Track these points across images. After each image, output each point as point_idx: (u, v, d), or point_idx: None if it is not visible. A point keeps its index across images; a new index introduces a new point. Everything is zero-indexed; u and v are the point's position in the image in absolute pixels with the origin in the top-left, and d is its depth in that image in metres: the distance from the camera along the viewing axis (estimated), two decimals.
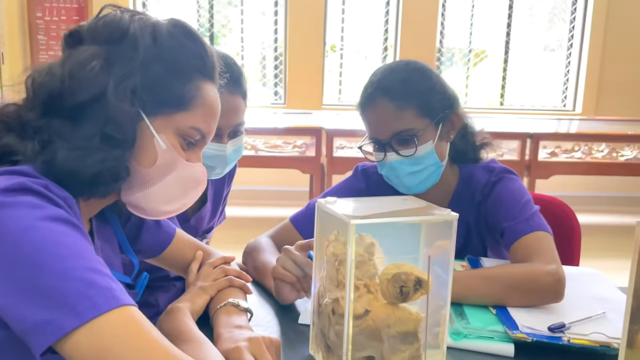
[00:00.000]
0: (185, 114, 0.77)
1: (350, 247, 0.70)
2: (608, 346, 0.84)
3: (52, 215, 0.64)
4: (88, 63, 0.72)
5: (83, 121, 0.72)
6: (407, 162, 1.14)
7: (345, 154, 4.03)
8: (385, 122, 1.14)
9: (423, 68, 1.18)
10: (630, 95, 4.76)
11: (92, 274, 0.61)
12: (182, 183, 0.80)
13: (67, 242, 0.62)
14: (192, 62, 0.78)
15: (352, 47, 5.01)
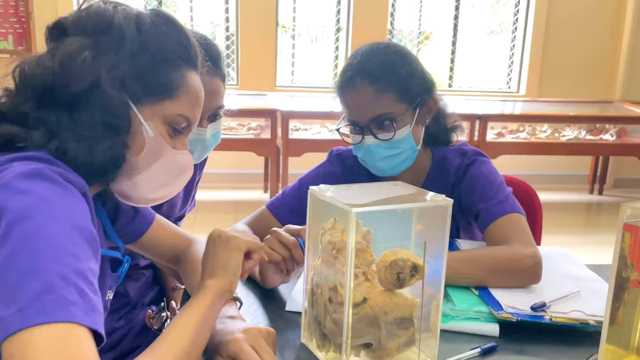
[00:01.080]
0: (171, 102, 0.78)
1: (351, 236, 0.69)
2: (587, 323, 0.88)
3: (53, 210, 0.63)
4: (79, 54, 0.73)
5: (81, 111, 0.73)
6: (384, 146, 1.15)
7: (300, 136, 4.02)
8: (364, 106, 1.13)
9: (403, 51, 1.18)
10: (571, 77, 4.96)
11: (59, 280, 0.58)
12: (169, 170, 0.82)
13: (53, 242, 0.60)
14: (176, 51, 0.79)
15: (304, 28, 4.97)
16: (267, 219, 1.26)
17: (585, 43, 4.92)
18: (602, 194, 4.85)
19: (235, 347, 0.72)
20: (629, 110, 4.46)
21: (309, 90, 4.78)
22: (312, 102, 4.40)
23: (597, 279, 1.06)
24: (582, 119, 4.38)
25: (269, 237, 0.99)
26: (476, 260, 0.99)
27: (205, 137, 1.14)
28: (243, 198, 4.37)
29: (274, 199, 1.30)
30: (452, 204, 0.76)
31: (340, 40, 4.84)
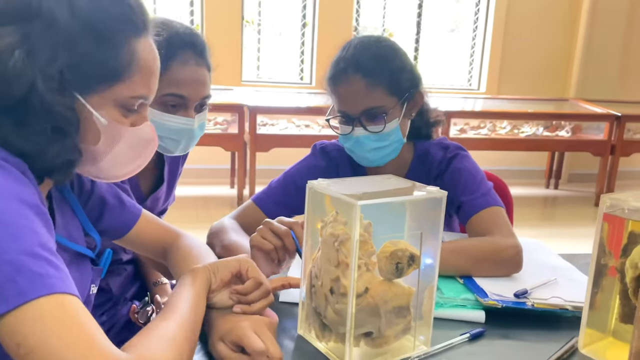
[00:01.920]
0: (122, 85, 0.72)
1: (355, 228, 0.72)
2: (566, 309, 0.93)
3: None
4: (9, 56, 0.65)
5: (25, 118, 0.68)
6: (373, 138, 1.18)
7: (267, 131, 4.03)
8: (356, 98, 1.16)
9: (394, 46, 1.22)
10: (528, 76, 5.13)
11: (26, 258, 0.58)
12: (132, 148, 0.79)
13: (5, 221, 0.59)
14: (119, 25, 0.72)
15: (270, 23, 4.96)
16: (253, 213, 1.28)
17: (542, 43, 5.10)
18: (557, 189, 5.05)
19: (240, 332, 0.74)
20: (583, 107, 4.66)
21: (275, 85, 4.78)
22: (279, 97, 4.41)
23: (571, 268, 1.12)
24: (540, 116, 4.55)
25: (261, 227, 1.01)
26: (461, 251, 1.04)
27: (193, 128, 1.15)
28: (210, 194, 4.34)
29: (259, 193, 1.31)
30: (446, 195, 0.79)
31: (306, 35, 4.86)
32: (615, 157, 4.36)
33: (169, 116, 1.12)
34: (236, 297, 0.83)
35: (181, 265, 0.99)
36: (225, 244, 1.14)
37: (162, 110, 1.12)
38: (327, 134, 4.11)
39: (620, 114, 4.30)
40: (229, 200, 4.22)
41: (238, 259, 0.86)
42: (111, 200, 0.96)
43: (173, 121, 1.12)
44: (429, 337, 0.83)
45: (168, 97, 1.11)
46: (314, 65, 4.81)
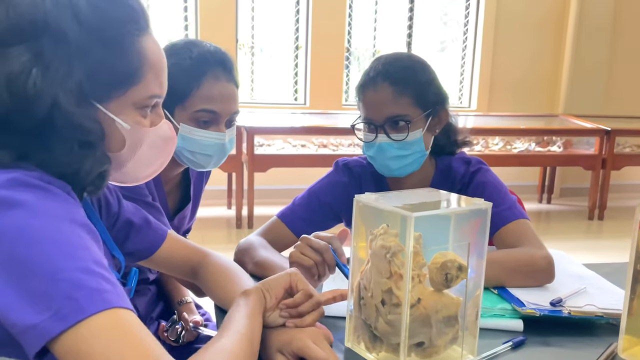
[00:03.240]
0: (137, 87, 0.74)
1: (409, 240, 0.74)
2: (601, 316, 0.96)
3: (47, 212, 0.62)
4: (27, 75, 0.65)
5: (50, 136, 0.68)
6: (396, 146, 1.21)
7: (265, 152, 4.05)
8: (382, 105, 1.20)
9: (424, 62, 1.27)
10: (518, 93, 5.23)
11: (82, 275, 0.59)
12: (154, 148, 0.81)
13: (60, 241, 0.61)
14: (124, 28, 0.72)
15: (263, 46, 5.02)
16: (279, 229, 1.29)
17: (530, 61, 5.22)
18: (550, 203, 5.12)
19: (300, 343, 0.74)
20: (572, 123, 4.75)
21: (270, 106, 4.82)
22: (273, 118, 4.44)
23: (596, 276, 1.15)
24: (532, 132, 4.64)
25: (300, 243, 1.02)
26: (496, 263, 1.06)
27: (224, 142, 1.18)
28: (206, 215, 4.33)
29: (284, 209, 1.33)
30: (491, 207, 0.82)
31: (299, 57, 4.92)
32: (607, 171, 4.44)
33: (201, 132, 1.15)
34: (287, 312, 0.83)
35: (215, 283, 1.00)
36: (257, 261, 1.15)
37: (194, 126, 1.15)
38: (323, 153, 4.14)
39: (610, 128, 4.39)
40: (226, 221, 4.22)
41: (288, 273, 0.86)
42: (138, 222, 0.97)
43: (206, 136, 1.15)
44: (475, 346, 0.85)
45: (201, 113, 1.15)
46: (308, 85, 4.86)
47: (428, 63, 1.27)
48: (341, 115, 4.64)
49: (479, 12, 5.14)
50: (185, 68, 1.14)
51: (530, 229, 1.16)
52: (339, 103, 4.89)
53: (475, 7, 5.16)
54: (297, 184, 4.36)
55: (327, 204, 1.33)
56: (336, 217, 1.37)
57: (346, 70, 5.01)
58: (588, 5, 5.00)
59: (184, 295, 1.36)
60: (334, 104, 4.83)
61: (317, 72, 4.81)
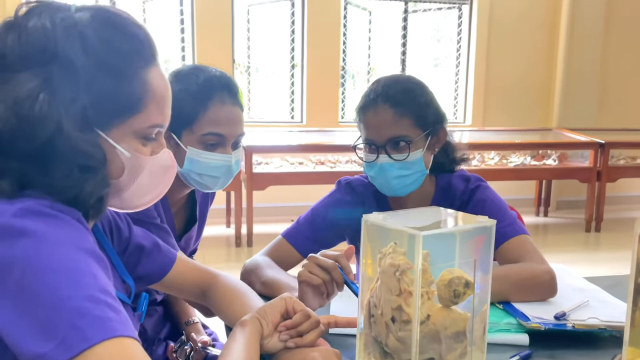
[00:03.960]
0: (139, 116, 0.75)
1: (418, 258, 0.76)
2: (605, 329, 0.98)
3: (55, 240, 0.63)
4: (34, 99, 0.67)
5: (51, 159, 0.69)
6: (397, 166, 1.23)
7: (263, 170, 4.07)
8: (383, 126, 1.22)
9: (422, 83, 1.30)
10: (512, 107, 5.29)
11: (88, 303, 0.60)
12: (153, 176, 0.81)
13: (66, 269, 0.62)
14: (130, 58, 0.74)
15: (260, 65, 5.07)
16: (284, 248, 1.31)
17: (523, 76, 5.28)
18: (547, 216, 5.15)
19: None
20: (567, 136, 4.81)
21: (267, 125, 4.86)
22: (270, 137, 4.47)
23: (598, 290, 1.17)
24: (527, 146, 4.69)
25: (308, 262, 1.04)
26: (500, 278, 1.08)
27: (231, 164, 1.21)
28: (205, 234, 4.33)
29: (289, 229, 1.35)
30: (495, 224, 0.84)
31: (295, 76, 4.97)
32: (602, 183, 4.48)
33: (208, 154, 1.19)
34: (287, 333, 0.85)
35: (225, 304, 1.02)
36: (264, 281, 1.17)
37: (202, 149, 1.18)
38: (321, 171, 4.17)
39: (604, 141, 4.44)
40: (225, 239, 4.22)
41: (282, 297, 0.88)
42: (148, 246, 0.98)
43: (213, 159, 1.19)
44: None
45: (208, 137, 1.18)
46: (304, 104, 4.91)
47: (425, 84, 1.30)
48: (338, 133, 4.68)
49: (472, 29, 5.21)
50: (192, 93, 1.18)
51: (531, 244, 1.19)
52: (335, 120, 4.93)
53: (468, 24, 5.24)
54: (296, 201, 4.38)
55: (331, 223, 1.35)
56: (340, 236, 1.39)
57: (342, 88, 5.07)
58: (579, 20, 5.09)
59: (191, 316, 1.37)
60: (331, 121, 4.88)
61: (313, 90, 4.85)
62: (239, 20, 4.76)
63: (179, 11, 4.57)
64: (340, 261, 1.02)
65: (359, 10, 5.14)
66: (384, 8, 5.25)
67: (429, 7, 5.30)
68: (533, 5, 5.19)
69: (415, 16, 5.29)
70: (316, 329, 0.87)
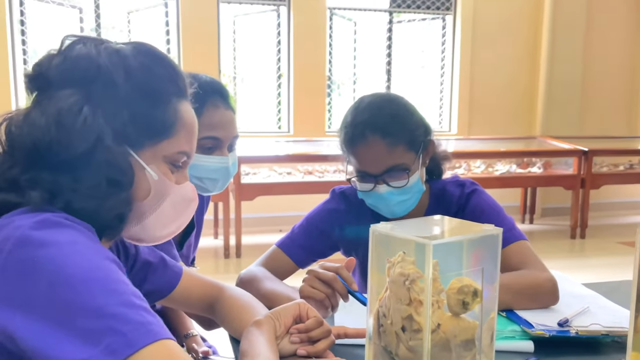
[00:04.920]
0: (169, 141, 0.78)
1: (429, 267, 0.76)
2: (607, 334, 0.99)
3: (81, 250, 0.64)
4: (77, 110, 0.71)
5: (84, 171, 0.71)
6: (397, 193, 1.21)
7: (251, 180, 4.06)
8: (377, 158, 1.19)
9: (406, 103, 1.26)
10: (497, 115, 5.36)
11: (126, 309, 0.61)
12: (175, 206, 0.82)
13: (98, 277, 0.62)
14: (166, 86, 0.78)
15: (245, 75, 5.07)
16: (279, 258, 1.30)
17: (507, 86, 5.36)
18: (532, 223, 5.21)
19: None
20: (550, 144, 4.88)
21: (254, 135, 4.85)
22: (258, 147, 4.47)
23: (597, 295, 1.18)
24: (512, 154, 4.74)
25: (308, 276, 1.04)
26: (503, 286, 1.08)
27: (228, 165, 1.22)
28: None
29: (284, 238, 1.34)
30: (501, 232, 0.85)
31: (281, 86, 4.98)
32: (586, 190, 4.55)
33: (206, 157, 1.20)
34: (298, 337, 0.86)
35: (234, 316, 1.01)
36: (263, 293, 1.16)
37: (199, 153, 1.20)
38: (309, 180, 4.17)
39: (587, 148, 4.51)
40: (213, 251, 4.20)
41: (297, 302, 0.89)
42: (154, 262, 0.98)
43: (210, 161, 1.21)
44: None
45: (204, 141, 1.20)
46: (291, 114, 4.91)
47: (407, 101, 1.27)
48: (325, 142, 4.69)
49: (455, 39, 5.28)
50: None
51: (531, 251, 1.19)
52: (322, 130, 4.94)
53: (452, 34, 5.31)
54: (285, 211, 4.37)
55: (325, 232, 1.34)
56: (334, 246, 1.38)
57: (328, 98, 5.08)
58: (560, 31, 5.18)
59: (190, 328, 1.36)
60: (318, 131, 4.89)
61: (300, 100, 4.87)
62: (225, 31, 4.77)
63: (165, 22, 4.57)
64: (340, 273, 1.02)
65: (344, 21, 5.18)
66: (369, 19, 5.29)
67: (413, 17, 5.36)
68: (515, 16, 5.28)
69: (400, 26, 5.35)
70: (327, 338, 0.88)
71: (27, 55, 4.27)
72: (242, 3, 4.77)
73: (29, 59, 4.28)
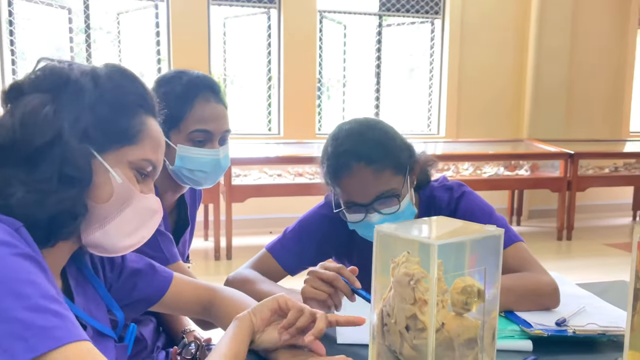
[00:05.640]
0: (134, 147, 0.81)
1: (434, 267, 0.78)
2: (603, 334, 1.01)
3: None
4: (40, 109, 0.74)
5: (39, 165, 0.73)
6: (389, 219, 1.17)
7: (242, 182, 4.06)
8: (365, 187, 1.15)
9: (385, 127, 1.21)
10: (485, 118, 5.41)
11: (30, 313, 0.60)
12: (139, 215, 0.82)
13: (5, 279, 0.62)
14: (133, 99, 0.82)
15: (235, 77, 5.07)
16: (268, 262, 1.30)
17: (494, 89, 5.41)
18: (520, 225, 5.26)
19: None
20: (537, 147, 4.93)
21: (244, 137, 4.85)
22: (248, 149, 4.47)
23: (592, 296, 1.20)
24: (500, 156, 4.79)
25: (309, 277, 1.04)
26: (506, 289, 1.08)
27: (219, 158, 1.23)
28: None
29: (274, 242, 1.33)
30: (503, 233, 0.87)
31: (272, 88, 4.98)
32: (572, 193, 4.61)
33: (197, 150, 1.22)
34: (288, 334, 0.89)
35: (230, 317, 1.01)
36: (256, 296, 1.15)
37: (191, 145, 1.22)
38: (300, 182, 4.18)
39: (573, 151, 4.57)
40: (204, 253, 4.18)
41: (274, 297, 0.92)
42: (143, 268, 0.98)
43: (202, 154, 1.22)
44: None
45: (195, 134, 1.22)
46: (281, 116, 4.92)
47: (386, 124, 1.23)
48: (315, 144, 4.70)
49: (444, 43, 5.32)
50: (178, 94, 1.22)
51: (529, 253, 1.21)
52: (312, 132, 4.96)
53: (440, 38, 5.35)
54: (275, 213, 4.37)
55: (317, 239, 1.32)
56: (325, 253, 1.35)
57: (318, 100, 5.10)
58: (547, 35, 5.25)
59: (187, 325, 1.37)
60: (308, 133, 4.90)
61: (290, 102, 4.87)
62: (216, 33, 4.76)
63: (155, 23, 4.55)
64: (342, 272, 1.03)
65: (334, 24, 5.20)
66: (358, 22, 5.32)
67: (403, 21, 5.40)
68: (503, 21, 5.34)
69: (389, 30, 5.38)
70: (320, 320, 0.89)
71: (15, 55, 4.23)
72: (232, 5, 4.77)
73: (17, 60, 4.23)
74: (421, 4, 5.26)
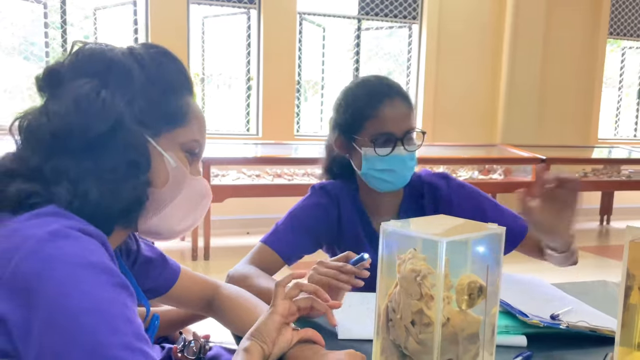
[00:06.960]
0: (184, 129, 0.80)
1: (441, 264, 0.80)
2: (595, 331, 1.05)
3: (90, 276, 0.62)
4: (96, 94, 0.72)
5: (103, 153, 0.72)
6: (409, 157, 1.28)
7: (220, 182, 4.04)
8: (402, 118, 1.27)
9: None
10: (460, 123, 5.50)
11: (124, 352, 0.60)
12: (191, 198, 0.82)
13: (103, 311, 0.61)
14: (178, 79, 0.81)
15: (214, 77, 5.04)
16: (267, 254, 1.31)
17: (469, 94, 5.52)
18: None
19: None
20: (510, 152, 5.04)
21: (222, 137, 4.83)
22: (226, 149, 4.45)
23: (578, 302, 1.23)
24: (474, 160, 4.88)
25: (315, 267, 1.06)
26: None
27: None
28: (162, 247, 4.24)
29: (268, 235, 1.34)
30: (504, 231, 0.89)
31: (251, 89, 4.97)
32: None
33: None
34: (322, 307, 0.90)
35: (232, 314, 1.02)
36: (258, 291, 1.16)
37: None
38: (279, 183, 4.18)
39: (545, 157, 4.69)
40: (180, 253, 4.14)
41: (274, 313, 0.87)
42: (155, 258, 0.98)
43: None
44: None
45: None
46: (260, 116, 4.91)
47: None
48: (294, 146, 4.71)
49: (421, 48, 5.40)
50: None
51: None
52: (291, 133, 4.96)
53: (417, 43, 5.43)
54: (253, 214, 4.36)
55: (309, 227, 1.36)
56: (317, 241, 1.39)
57: (297, 101, 5.11)
58: (520, 43, 5.38)
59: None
60: (287, 134, 4.90)
61: (269, 103, 4.87)
62: (195, 32, 4.73)
63: (133, 20, 4.49)
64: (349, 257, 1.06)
65: (313, 27, 5.22)
66: (337, 25, 5.35)
67: (381, 25, 5.45)
68: (479, 27, 5.45)
69: (368, 33, 5.43)
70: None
71: None
72: (212, 5, 4.75)
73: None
74: (399, 9, 5.33)
